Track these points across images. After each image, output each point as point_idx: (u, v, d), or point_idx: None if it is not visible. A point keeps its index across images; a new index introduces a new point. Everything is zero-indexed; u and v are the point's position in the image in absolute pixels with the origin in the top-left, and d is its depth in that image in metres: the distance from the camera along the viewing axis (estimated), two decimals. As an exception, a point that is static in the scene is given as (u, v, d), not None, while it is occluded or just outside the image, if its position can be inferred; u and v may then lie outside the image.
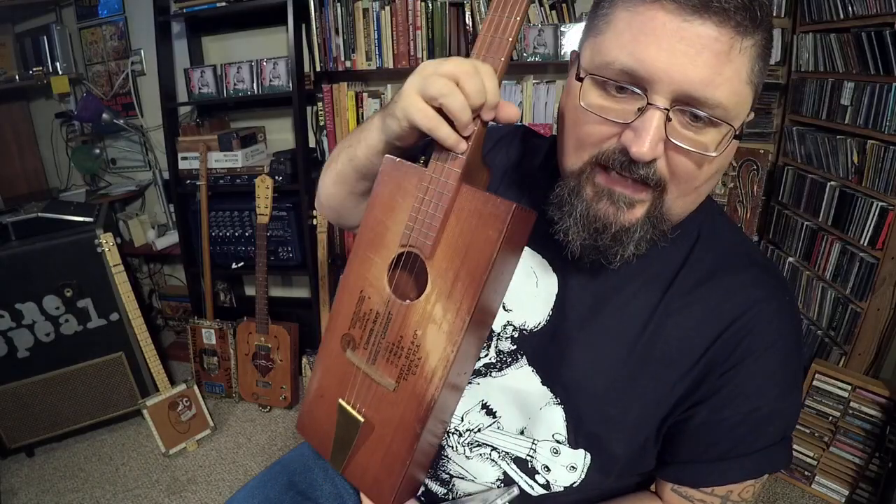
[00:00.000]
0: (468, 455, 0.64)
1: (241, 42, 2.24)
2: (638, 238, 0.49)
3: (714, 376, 0.53)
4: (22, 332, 1.72)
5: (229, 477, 1.75)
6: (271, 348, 2.00)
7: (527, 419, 0.61)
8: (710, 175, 0.49)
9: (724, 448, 0.54)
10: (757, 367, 0.52)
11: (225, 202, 2.13)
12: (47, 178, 2.63)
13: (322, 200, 0.72)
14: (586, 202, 0.50)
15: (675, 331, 0.54)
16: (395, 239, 0.51)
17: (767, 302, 0.53)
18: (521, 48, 1.91)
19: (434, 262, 0.49)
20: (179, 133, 2.16)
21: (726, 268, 0.55)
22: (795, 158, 1.89)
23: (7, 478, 1.79)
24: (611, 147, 0.47)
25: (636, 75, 0.44)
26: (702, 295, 0.54)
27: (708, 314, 0.53)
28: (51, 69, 2.34)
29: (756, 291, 0.53)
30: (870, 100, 1.48)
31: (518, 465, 0.62)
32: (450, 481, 0.67)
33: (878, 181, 1.47)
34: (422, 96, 0.46)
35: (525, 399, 0.60)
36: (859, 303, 1.53)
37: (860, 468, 1.47)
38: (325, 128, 2.08)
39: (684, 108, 0.44)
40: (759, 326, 0.52)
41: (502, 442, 0.62)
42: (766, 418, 0.53)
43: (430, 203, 0.49)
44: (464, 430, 0.64)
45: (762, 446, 0.54)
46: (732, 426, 0.53)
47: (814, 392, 1.54)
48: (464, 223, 0.47)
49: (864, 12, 1.48)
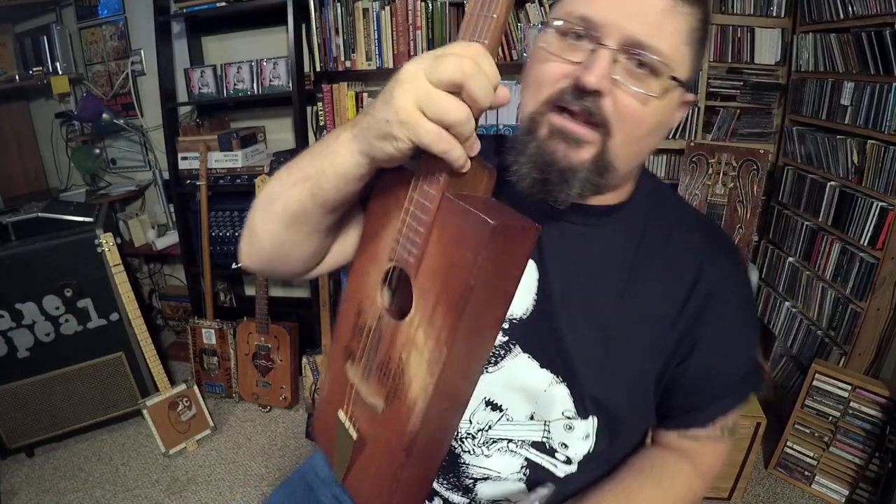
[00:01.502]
0: (487, 454, 0.64)
1: (241, 42, 2.24)
2: (583, 178, 0.53)
3: (694, 330, 0.60)
4: (22, 332, 1.72)
5: (229, 477, 1.75)
6: (271, 348, 2.00)
7: (534, 404, 0.62)
8: (652, 126, 0.53)
9: (718, 389, 0.63)
10: (728, 317, 0.61)
11: (225, 202, 2.13)
12: (47, 178, 2.63)
13: (261, 247, 0.58)
14: (539, 140, 0.53)
15: (648, 293, 0.60)
16: (386, 251, 0.48)
17: (722, 258, 0.62)
18: (521, 48, 1.91)
19: (418, 281, 0.44)
20: (179, 133, 2.16)
21: (682, 231, 0.62)
22: (795, 158, 1.89)
23: (7, 478, 1.79)
24: (563, 85, 0.52)
25: (591, 21, 0.50)
26: (665, 258, 0.60)
27: (675, 275, 0.60)
28: (51, 69, 2.34)
29: (710, 249, 0.62)
30: (870, 100, 1.48)
31: (537, 449, 0.63)
32: (472, 487, 0.67)
33: (878, 181, 1.47)
34: (427, 115, 0.40)
35: (528, 386, 0.61)
36: (859, 303, 1.53)
37: (860, 468, 1.47)
38: (325, 128, 2.08)
39: (630, 53, 0.50)
40: (721, 281, 0.60)
41: (515, 432, 0.63)
42: (743, 355, 0.63)
43: (415, 215, 0.44)
44: (475, 432, 0.64)
45: (744, 375, 0.63)
46: (721, 370, 0.62)
47: (814, 392, 1.54)
48: (445, 241, 0.42)
49: (864, 12, 1.48)
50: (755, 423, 1.42)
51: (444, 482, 0.68)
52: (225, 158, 2.08)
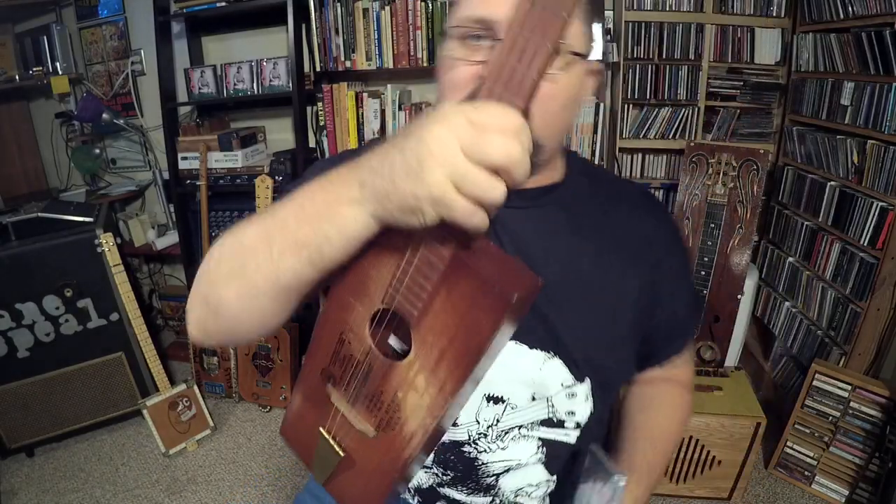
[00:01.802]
0: (502, 446, 0.66)
1: (241, 42, 2.24)
2: None
3: (653, 279, 0.67)
4: (22, 332, 1.72)
5: (229, 477, 1.75)
6: (271, 348, 2.00)
7: (532, 385, 0.64)
8: (564, 100, 0.56)
9: (684, 321, 0.76)
10: (674, 259, 0.71)
11: (225, 202, 2.13)
12: (47, 178, 2.63)
13: (233, 323, 0.51)
14: None
15: (606, 255, 0.65)
16: (378, 292, 0.46)
17: (658, 213, 0.72)
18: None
19: (419, 331, 0.44)
20: (179, 133, 2.16)
21: (621, 196, 0.70)
22: (795, 158, 1.89)
23: (7, 478, 1.79)
24: (478, 84, 0.52)
25: (485, 20, 0.53)
26: (614, 221, 0.67)
27: (624, 234, 0.67)
28: (51, 69, 2.34)
29: (646, 207, 0.71)
30: (870, 100, 1.48)
31: (547, 426, 0.66)
32: (494, 484, 0.68)
33: (878, 181, 1.47)
34: (462, 192, 0.36)
35: (522, 370, 0.63)
36: (859, 303, 1.53)
37: (860, 468, 1.47)
38: (325, 128, 2.08)
39: None
40: (662, 233, 0.70)
41: (523, 417, 0.65)
42: (691, 293, 0.77)
43: (420, 270, 0.42)
44: (486, 429, 0.66)
45: (695, 302, 0.74)
46: (682, 305, 0.73)
47: (814, 392, 1.54)
48: (455, 301, 0.41)
49: (864, 12, 1.48)
50: (755, 423, 1.42)
51: (464, 489, 0.69)
52: (225, 158, 2.08)
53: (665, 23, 1.93)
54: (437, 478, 0.70)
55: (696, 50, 1.95)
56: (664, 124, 2.05)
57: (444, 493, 0.71)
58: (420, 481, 0.71)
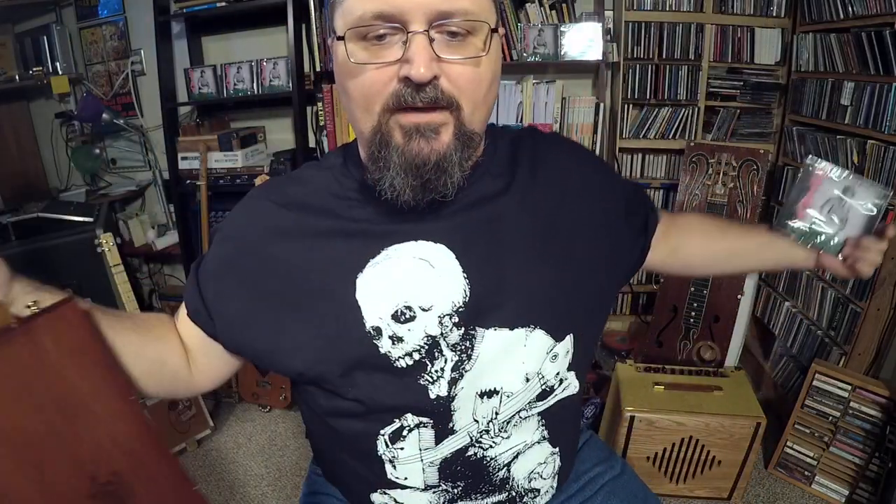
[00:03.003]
0: (506, 436, 0.64)
1: (241, 42, 2.24)
2: (458, 160, 0.54)
3: (598, 201, 0.68)
4: (22, 332, 1.71)
5: (229, 477, 1.75)
6: (271, 348, 2.00)
7: (521, 365, 0.62)
8: (490, 80, 0.54)
9: (643, 206, 0.75)
10: (603, 177, 0.72)
11: (225, 202, 2.13)
12: (47, 178, 2.63)
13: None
14: (399, 148, 0.53)
15: (548, 208, 0.64)
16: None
17: (577, 147, 0.76)
18: (521, 48, 1.91)
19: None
20: (179, 133, 2.16)
21: (539, 148, 0.69)
22: (795, 158, 1.89)
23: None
24: (394, 87, 0.51)
25: (388, 15, 0.48)
26: (544, 176, 0.66)
27: (558, 183, 0.66)
28: (51, 69, 2.34)
29: (550, 140, 0.73)
30: (870, 100, 1.49)
31: (542, 399, 0.65)
32: (507, 476, 0.66)
33: (878, 181, 1.47)
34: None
35: (507, 354, 0.61)
36: (859, 303, 1.53)
37: (860, 468, 1.47)
38: (325, 128, 2.07)
39: (440, 25, 0.49)
40: (591, 165, 0.73)
41: (519, 403, 0.64)
42: (634, 191, 0.76)
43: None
44: (486, 425, 0.63)
45: (638, 190, 0.78)
46: (631, 198, 0.74)
47: (814, 392, 1.54)
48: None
49: (864, 12, 1.48)
50: (755, 423, 1.42)
51: (478, 495, 0.66)
52: (225, 158, 2.08)
53: (665, 23, 1.93)
54: (447, 494, 0.66)
55: (696, 50, 1.95)
56: (664, 124, 2.05)
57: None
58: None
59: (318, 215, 0.62)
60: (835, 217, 0.70)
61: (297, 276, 0.60)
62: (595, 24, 1.88)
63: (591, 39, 1.88)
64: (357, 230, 0.61)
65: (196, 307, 0.64)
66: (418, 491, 0.65)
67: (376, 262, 0.59)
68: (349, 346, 0.59)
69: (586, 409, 1.78)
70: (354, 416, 0.62)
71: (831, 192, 0.70)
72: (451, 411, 0.61)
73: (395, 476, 0.64)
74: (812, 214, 0.71)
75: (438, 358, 0.60)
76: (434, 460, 0.63)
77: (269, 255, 0.61)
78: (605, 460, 0.81)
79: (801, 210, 0.72)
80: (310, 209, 0.62)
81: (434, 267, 0.60)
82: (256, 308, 0.61)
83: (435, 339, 0.60)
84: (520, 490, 0.68)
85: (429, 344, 0.60)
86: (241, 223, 0.65)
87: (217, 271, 0.63)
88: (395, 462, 0.63)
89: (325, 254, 0.60)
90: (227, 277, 0.62)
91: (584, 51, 1.89)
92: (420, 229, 0.60)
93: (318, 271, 0.60)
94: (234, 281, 0.62)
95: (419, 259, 0.60)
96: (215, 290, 0.63)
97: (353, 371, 0.60)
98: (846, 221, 0.70)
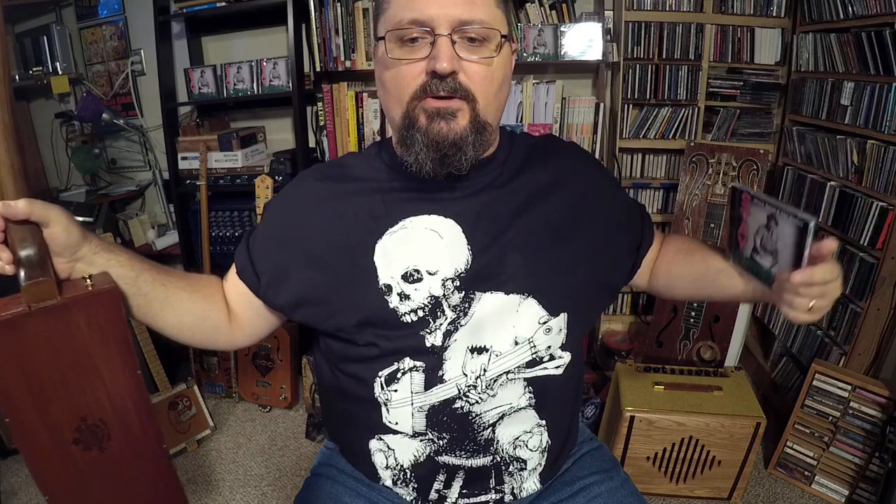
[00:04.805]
0: (492, 393, 0.70)
1: (241, 42, 2.24)
2: (472, 141, 0.64)
3: (599, 201, 0.76)
4: (22, 332, 1.71)
5: (229, 477, 1.75)
6: (271, 348, 2.00)
7: (512, 329, 0.69)
8: (501, 80, 0.66)
9: (641, 217, 0.83)
10: (605, 185, 0.80)
11: (225, 202, 2.13)
12: (47, 178, 2.63)
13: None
14: (423, 128, 0.64)
15: (555, 201, 0.73)
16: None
17: (578, 151, 0.83)
18: (521, 48, 1.91)
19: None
20: (179, 133, 2.16)
21: (553, 150, 0.79)
22: (795, 158, 1.89)
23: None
24: (422, 80, 0.63)
25: (420, 21, 0.61)
26: (555, 173, 0.75)
27: (562, 179, 0.75)
28: (51, 69, 2.34)
29: (564, 147, 0.82)
30: (870, 100, 1.49)
31: (531, 366, 0.70)
32: (492, 437, 0.71)
33: (878, 181, 1.47)
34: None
35: (500, 316, 0.69)
36: (859, 303, 1.53)
37: (860, 468, 1.47)
38: (325, 128, 2.08)
39: (462, 31, 0.61)
40: (593, 168, 0.81)
41: (508, 362, 0.70)
42: (630, 204, 0.83)
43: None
44: (475, 380, 0.69)
45: (634, 204, 0.85)
46: (628, 208, 0.81)
47: (814, 392, 1.54)
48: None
49: (864, 12, 1.49)
50: (755, 423, 1.42)
51: (463, 451, 0.71)
52: (225, 158, 2.08)
53: (665, 23, 1.93)
54: (433, 444, 0.72)
55: (696, 50, 1.95)
56: (664, 124, 2.05)
57: (442, 462, 0.72)
58: (416, 454, 0.72)
59: (350, 186, 0.74)
60: (767, 247, 0.61)
61: (327, 238, 0.71)
62: (595, 24, 1.88)
63: (591, 39, 1.88)
64: (380, 201, 0.71)
65: (244, 265, 0.75)
66: (408, 437, 0.72)
67: (393, 231, 0.70)
68: (364, 300, 0.69)
69: (586, 408, 1.78)
70: (362, 361, 0.71)
71: (761, 219, 0.61)
72: (442, 360, 0.69)
73: (388, 420, 0.72)
74: (749, 245, 0.64)
75: (440, 316, 0.69)
76: (423, 405, 0.70)
77: (305, 221, 0.72)
78: (605, 471, 0.81)
79: (740, 240, 0.66)
80: (344, 180, 0.75)
81: (443, 238, 0.69)
82: (290, 265, 0.71)
83: (437, 299, 0.69)
84: (505, 456, 0.72)
85: (432, 303, 0.69)
86: (286, 195, 0.77)
87: (263, 235, 0.75)
88: (389, 405, 0.71)
89: (351, 221, 0.71)
90: (271, 240, 0.74)
91: (584, 51, 1.89)
92: (435, 206, 0.70)
93: (344, 234, 0.70)
94: (276, 242, 0.73)
95: (430, 230, 0.70)
96: (261, 250, 0.74)
97: (366, 322, 0.69)
98: (776, 253, 0.60)
